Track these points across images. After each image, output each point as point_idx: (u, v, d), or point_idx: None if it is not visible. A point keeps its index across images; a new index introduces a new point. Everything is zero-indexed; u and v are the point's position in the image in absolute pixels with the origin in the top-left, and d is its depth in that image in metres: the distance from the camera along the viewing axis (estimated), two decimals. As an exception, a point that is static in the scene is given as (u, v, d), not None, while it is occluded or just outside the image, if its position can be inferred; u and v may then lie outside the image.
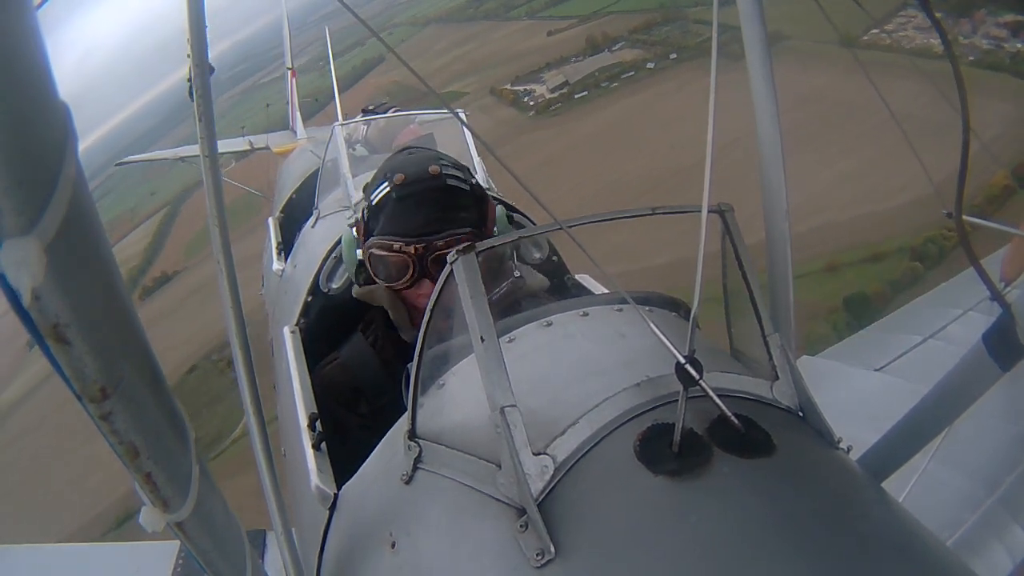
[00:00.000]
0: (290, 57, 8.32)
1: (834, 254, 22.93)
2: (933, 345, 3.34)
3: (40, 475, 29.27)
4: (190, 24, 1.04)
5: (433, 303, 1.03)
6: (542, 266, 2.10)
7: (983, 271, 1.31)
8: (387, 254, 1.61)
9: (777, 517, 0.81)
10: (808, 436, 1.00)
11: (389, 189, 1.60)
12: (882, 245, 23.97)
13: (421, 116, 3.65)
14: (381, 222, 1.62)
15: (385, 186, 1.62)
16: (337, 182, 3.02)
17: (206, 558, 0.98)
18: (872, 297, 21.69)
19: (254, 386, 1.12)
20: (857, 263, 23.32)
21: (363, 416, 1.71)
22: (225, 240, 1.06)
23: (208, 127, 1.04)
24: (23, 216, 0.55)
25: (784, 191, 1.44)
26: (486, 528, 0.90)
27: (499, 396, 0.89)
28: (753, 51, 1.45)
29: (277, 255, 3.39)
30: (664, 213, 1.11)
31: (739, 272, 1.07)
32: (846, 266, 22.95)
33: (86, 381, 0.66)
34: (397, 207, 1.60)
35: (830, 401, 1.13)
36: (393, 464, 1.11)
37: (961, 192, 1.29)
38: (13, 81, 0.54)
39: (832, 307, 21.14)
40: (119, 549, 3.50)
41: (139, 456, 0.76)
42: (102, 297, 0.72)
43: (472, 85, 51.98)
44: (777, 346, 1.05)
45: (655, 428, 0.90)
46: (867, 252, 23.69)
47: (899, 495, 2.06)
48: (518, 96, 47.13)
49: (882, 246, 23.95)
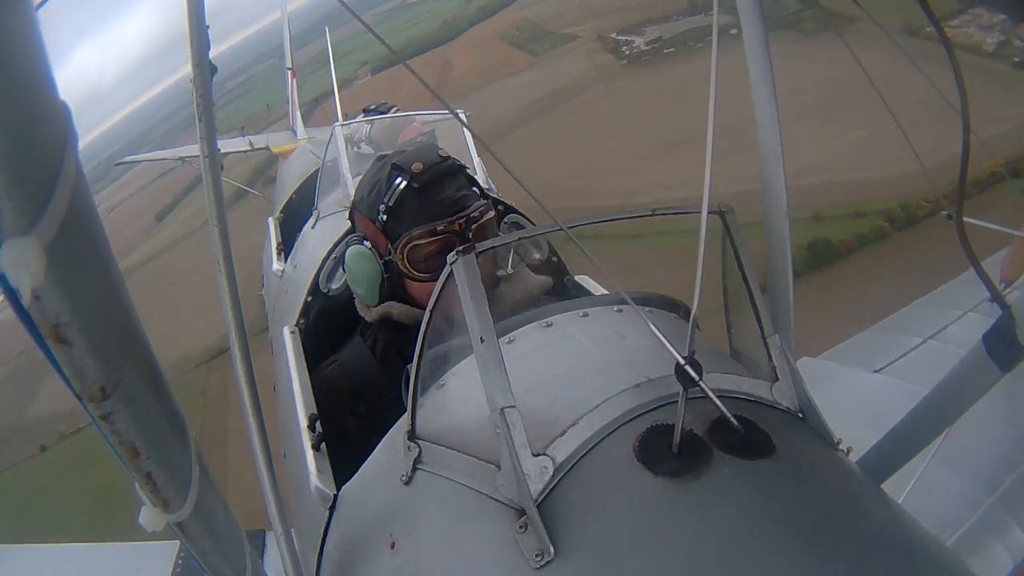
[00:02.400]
0: (290, 57, 8.31)
1: (823, 207, 26.50)
2: (933, 346, 3.34)
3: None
4: (190, 24, 1.04)
5: (433, 303, 1.03)
6: (542, 267, 2.10)
7: (983, 272, 1.31)
8: (430, 240, 1.61)
9: (777, 518, 0.81)
10: (808, 437, 1.00)
11: (407, 183, 1.62)
12: (866, 206, 27.53)
13: (422, 116, 3.65)
14: (409, 216, 1.62)
15: (400, 182, 1.62)
16: (337, 182, 3.02)
17: (206, 558, 0.98)
18: (836, 244, 25.87)
19: (254, 386, 1.12)
20: (840, 217, 27.05)
21: (362, 418, 1.71)
22: (225, 240, 1.06)
23: (208, 127, 1.04)
24: (23, 216, 0.55)
25: (784, 191, 1.44)
26: (485, 529, 0.90)
27: (499, 397, 0.89)
28: (753, 51, 1.44)
29: (277, 255, 3.39)
30: (664, 214, 1.11)
31: (739, 273, 1.07)
32: (829, 218, 26.68)
33: (86, 381, 0.66)
34: (423, 195, 1.62)
35: (830, 402, 1.13)
36: (393, 465, 1.11)
37: (961, 192, 1.29)
38: (13, 81, 0.54)
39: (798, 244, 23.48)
40: (119, 549, 3.49)
41: (139, 456, 0.76)
42: (102, 297, 0.72)
43: (585, 30, 55.75)
44: (777, 347, 1.05)
45: (655, 429, 0.90)
46: (851, 210, 27.43)
47: (899, 495, 2.06)
48: (618, 45, 51.58)
49: (865, 206, 27.51)
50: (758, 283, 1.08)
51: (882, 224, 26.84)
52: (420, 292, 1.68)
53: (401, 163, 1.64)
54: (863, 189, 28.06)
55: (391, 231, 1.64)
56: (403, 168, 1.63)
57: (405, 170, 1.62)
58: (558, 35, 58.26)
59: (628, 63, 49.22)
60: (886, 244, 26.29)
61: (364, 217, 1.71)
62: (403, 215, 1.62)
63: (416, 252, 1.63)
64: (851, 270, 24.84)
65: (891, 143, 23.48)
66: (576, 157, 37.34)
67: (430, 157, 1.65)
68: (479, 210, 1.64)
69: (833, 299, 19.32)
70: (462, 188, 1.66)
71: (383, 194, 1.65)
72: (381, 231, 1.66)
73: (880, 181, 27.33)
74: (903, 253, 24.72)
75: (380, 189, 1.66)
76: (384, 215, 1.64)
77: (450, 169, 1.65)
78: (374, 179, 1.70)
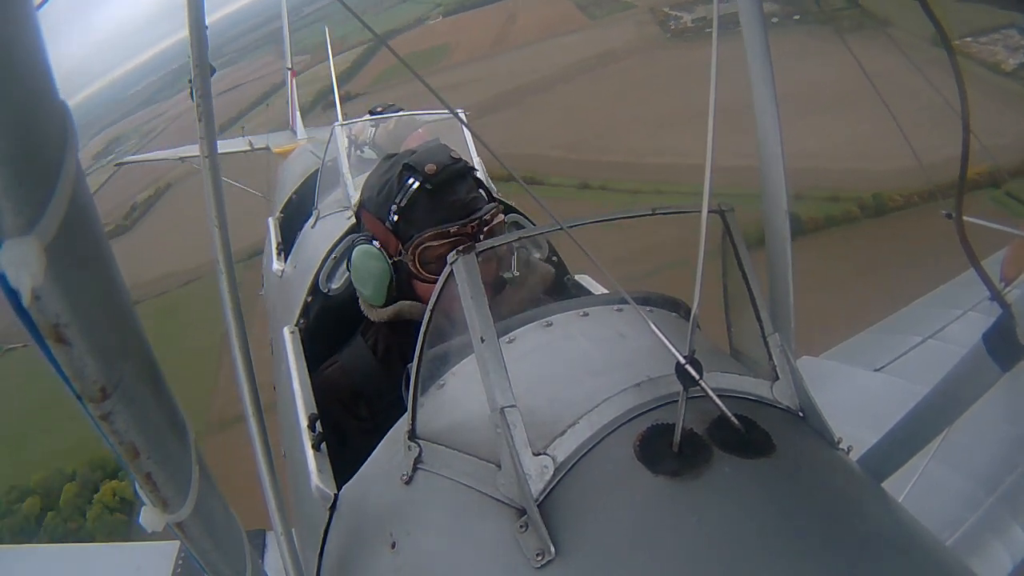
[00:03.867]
0: (290, 57, 8.31)
1: (805, 189, 28.64)
2: (933, 345, 3.34)
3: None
4: (190, 24, 1.04)
5: (433, 303, 1.03)
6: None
7: (983, 271, 1.31)
8: (444, 242, 1.61)
9: (777, 517, 0.81)
10: (808, 436, 1.00)
11: (419, 183, 1.61)
12: (843, 192, 29.87)
13: (423, 116, 3.64)
14: (421, 218, 1.62)
15: (413, 183, 1.62)
16: (337, 182, 3.02)
17: (206, 558, 0.98)
18: (805, 221, 27.54)
19: (254, 386, 1.12)
20: (817, 199, 29.26)
21: (363, 419, 1.71)
22: (225, 240, 1.06)
23: (208, 127, 1.04)
24: (23, 216, 0.55)
25: (784, 191, 1.44)
26: (486, 528, 0.90)
27: (499, 396, 0.89)
28: (753, 51, 1.44)
29: (277, 255, 3.39)
30: (664, 213, 1.11)
31: (739, 272, 1.07)
32: (809, 198, 28.78)
33: (86, 381, 0.66)
34: (437, 196, 1.61)
35: (830, 401, 1.12)
36: (393, 465, 1.11)
37: (961, 192, 1.29)
38: (13, 81, 0.54)
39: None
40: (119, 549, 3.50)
41: (139, 456, 0.76)
42: (102, 297, 0.72)
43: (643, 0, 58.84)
44: (777, 346, 1.05)
45: (655, 428, 0.90)
46: (829, 194, 29.70)
47: (899, 495, 2.05)
48: (667, 18, 54.41)
49: (843, 193, 29.87)
50: (758, 282, 1.08)
51: (852, 209, 29.37)
52: (428, 293, 1.67)
53: (414, 164, 1.63)
54: (847, 178, 30.32)
55: (402, 232, 1.64)
56: (416, 169, 1.62)
57: (418, 171, 1.62)
58: (619, 1, 61.01)
59: (672, 37, 52.09)
60: (852, 227, 28.85)
61: (373, 217, 1.70)
62: (415, 216, 1.62)
63: (427, 254, 1.62)
64: (811, 244, 26.01)
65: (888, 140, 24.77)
66: (603, 117, 41.96)
67: (443, 159, 1.64)
68: (490, 213, 1.65)
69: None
70: (472, 190, 1.66)
71: (395, 194, 1.64)
72: (392, 231, 1.65)
73: (867, 171, 29.65)
74: (865, 237, 26.96)
75: (391, 189, 1.65)
76: (395, 215, 1.63)
77: (462, 171, 1.66)
78: (384, 178, 1.68)
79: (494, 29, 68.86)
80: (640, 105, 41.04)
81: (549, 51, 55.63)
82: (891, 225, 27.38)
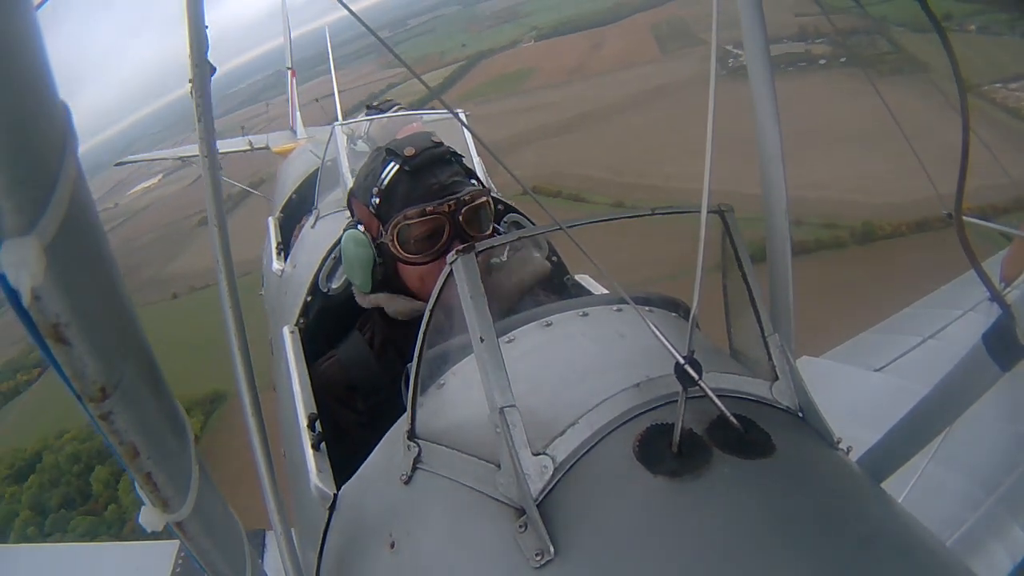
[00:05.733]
0: (290, 57, 8.31)
1: (805, 215, 30.21)
2: (933, 345, 3.34)
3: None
4: (190, 24, 1.04)
5: (433, 303, 1.03)
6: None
7: (983, 271, 1.31)
8: (419, 221, 1.64)
9: (777, 518, 0.81)
10: (808, 437, 0.99)
11: (399, 166, 1.66)
12: (840, 219, 31.08)
13: (423, 116, 3.64)
14: (400, 199, 1.66)
15: (393, 166, 1.67)
16: (337, 182, 3.02)
17: (206, 558, 0.98)
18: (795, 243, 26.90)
19: (253, 386, 1.12)
20: (814, 225, 30.62)
21: (359, 413, 1.72)
22: (225, 240, 1.06)
23: (208, 127, 1.04)
24: (23, 216, 0.55)
25: (784, 191, 1.44)
26: (485, 528, 0.90)
27: (498, 396, 0.89)
28: (753, 52, 1.45)
29: (277, 255, 3.39)
30: (664, 213, 1.11)
31: (739, 272, 1.07)
32: (805, 224, 30.17)
33: (86, 381, 0.66)
34: (415, 177, 1.66)
35: (830, 401, 1.12)
36: (392, 464, 1.11)
37: (961, 193, 1.29)
38: (13, 81, 0.54)
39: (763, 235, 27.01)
40: (119, 549, 3.51)
41: (139, 456, 0.76)
42: (102, 297, 0.72)
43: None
44: (777, 346, 1.05)
45: (654, 428, 0.90)
46: (826, 220, 31.08)
47: (899, 495, 2.06)
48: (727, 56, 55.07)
49: (839, 220, 31.11)
50: (758, 282, 1.07)
51: (842, 235, 30.83)
52: (411, 275, 1.70)
53: (394, 148, 1.69)
54: (848, 208, 31.69)
55: (383, 213, 1.68)
56: (396, 153, 1.68)
57: (398, 154, 1.67)
58: (694, 37, 62.46)
59: (728, 74, 53.34)
60: (839, 252, 29.81)
61: (359, 203, 1.75)
62: (394, 197, 1.66)
63: (406, 232, 1.65)
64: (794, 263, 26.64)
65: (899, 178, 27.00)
66: (650, 143, 44.15)
67: (422, 143, 1.69)
68: (470, 194, 1.66)
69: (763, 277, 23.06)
70: (455, 175, 1.69)
71: (376, 178, 1.69)
72: (374, 214, 1.70)
73: (867, 204, 31.31)
74: (848, 261, 28.11)
75: (374, 174, 1.70)
76: (377, 198, 1.68)
77: (443, 155, 1.69)
78: (369, 166, 1.74)
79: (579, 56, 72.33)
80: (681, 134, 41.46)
81: (621, 80, 58.55)
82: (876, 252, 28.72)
